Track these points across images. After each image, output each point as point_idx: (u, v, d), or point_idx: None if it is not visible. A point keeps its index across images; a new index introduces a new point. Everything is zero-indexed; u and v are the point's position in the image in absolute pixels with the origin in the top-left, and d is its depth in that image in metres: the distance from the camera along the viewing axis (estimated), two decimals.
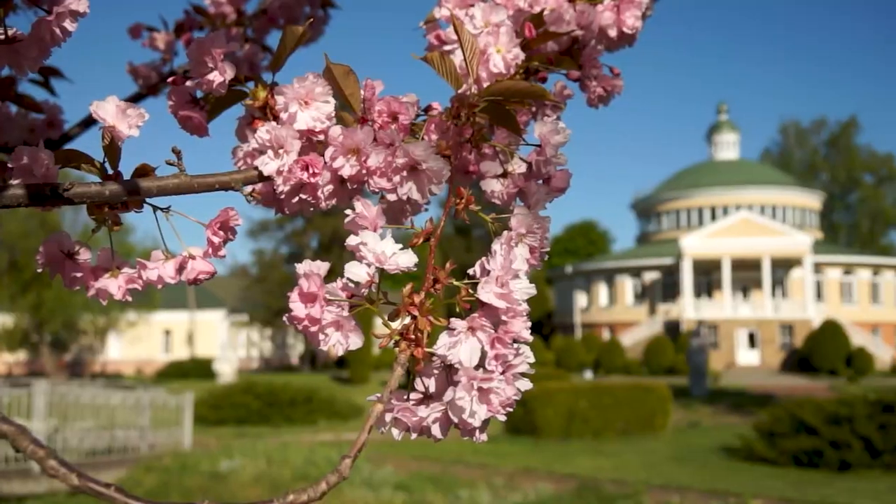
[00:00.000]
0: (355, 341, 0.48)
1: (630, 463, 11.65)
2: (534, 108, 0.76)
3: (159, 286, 0.62)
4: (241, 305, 45.76)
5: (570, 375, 22.65)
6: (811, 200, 50.06)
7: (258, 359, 48.46)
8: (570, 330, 47.58)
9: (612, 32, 0.83)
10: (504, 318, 0.47)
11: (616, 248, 65.88)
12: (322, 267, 0.49)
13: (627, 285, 46.05)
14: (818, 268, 43.04)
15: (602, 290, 47.16)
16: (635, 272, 45.79)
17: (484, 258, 0.53)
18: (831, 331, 35.55)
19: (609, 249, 67.06)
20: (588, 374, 32.67)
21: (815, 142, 66.30)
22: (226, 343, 38.13)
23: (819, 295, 42.93)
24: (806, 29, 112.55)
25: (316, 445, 12.45)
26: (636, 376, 34.26)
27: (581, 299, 48.22)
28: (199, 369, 37.00)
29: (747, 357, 40.85)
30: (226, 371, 30.03)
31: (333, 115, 0.62)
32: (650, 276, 45.20)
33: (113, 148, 0.61)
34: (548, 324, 53.53)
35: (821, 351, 35.34)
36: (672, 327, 41.81)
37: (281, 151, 0.60)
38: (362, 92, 0.63)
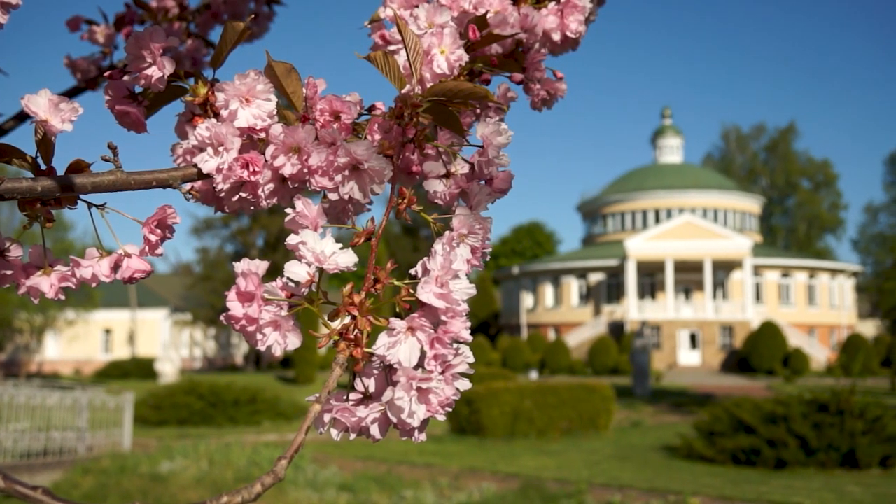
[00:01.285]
0: (293, 341, 0.48)
1: (573, 462, 11.78)
2: (478, 110, 0.77)
3: (94, 284, 0.60)
4: (184, 304, 45.05)
5: (515, 375, 22.79)
6: (751, 204, 51.24)
7: (201, 358, 47.75)
8: (516, 330, 47.92)
9: (556, 36, 0.83)
10: (444, 318, 0.47)
11: (562, 250, 66.57)
12: (260, 266, 0.48)
13: (573, 286, 46.54)
14: (757, 270, 44.08)
15: (548, 291, 47.59)
16: (581, 273, 46.30)
17: (426, 258, 0.53)
18: (769, 332, 36.43)
19: (555, 251, 67.73)
20: (533, 374, 32.93)
21: (755, 147, 67.89)
22: (168, 342, 37.48)
23: (758, 297, 43.96)
24: (748, 35, 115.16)
25: (259, 446, 12.31)
26: (581, 376, 34.64)
27: (527, 300, 48.57)
28: (140, 369, 36.32)
29: (689, 357, 41.62)
30: (168, 371, 29.52)
31: (275, 112, 0.61)
32: (595, 278, 45.75)
33: (46, 143, 0.59)
34: (494, 324, 53.79)
35: (759, 351, 36.19)
36: (616, 328, 42.40)
37: (221, 149, 0.59)
38: (304, 90, 0.62)
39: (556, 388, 15.38)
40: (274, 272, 0.54)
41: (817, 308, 45.33)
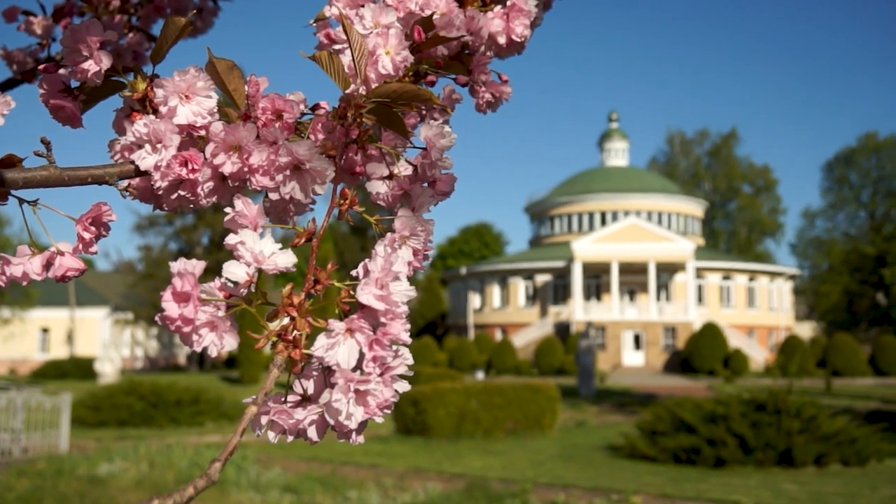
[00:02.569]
0: (230, 342, 0.47)
1: (518, 462, 11.85)
2: (423, 111, 0.77)
3: (25, 283, 0.59)
4: (125, 303, 44.17)
5: (462, 376, 22.86)
6: (694, 208, 52.21)
7: (143, 358, 46.87)
8: (463, 331, 48.04)
9: (502, 40, 0.84)
10: (383, 320, 0.47)
11: (510, 251, 66.97)
12: (197, 266, 0.47)
13: (520, 287, 46.85)
14: (700, 273, 44.92)
15: (495, 292, 47.82)
16: (528, 274, 46.63)
17: (367, 259, 0.53)
18: (711, 333, 37.16)
19: (503, 252, 68.10)
20: (480, 375, 33.06)
21: (699, 152, 69.19)
22: (108, 342, 36.69)
23: (700, 299, 44.81)
24: (693, 42, 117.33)
25: (202, 447, 12.13)
26: (527, 377, 34.89)
27: (475, 300, 48.74)
28: (79, 369, 35.51)
29: (633, 358, 42.23)
30: (108, 371, 28.88)
31: (215, 110, 0.60)
32: (542, 279, 46.12)
33: None
34: (441, 324, 53.85)
35: (701, 352, 36.89)
36: (562, 329, 42.81)
37: (159, 146, 0.58)
38: (246, 88, 0.62)
39: (502, 388, 15.45)
40: (220, 271, 0.53)
41: (757, 310, 46.41)
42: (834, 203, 59.17)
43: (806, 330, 54.25)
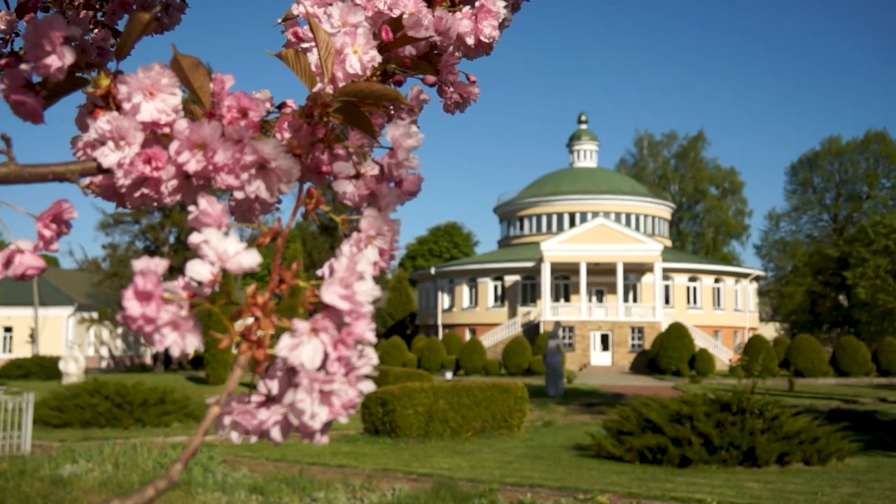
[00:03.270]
0: (193, 342, 0.47)
1: (486, 462, 11.88)
2: (391, 111, 0.77)
3: None
4: (90, 302, 43.61)
5: (431, 376, 22.86)
6: (662, 210, 52.70)
7: (108, 358, 46.30)
8: (432, 330, 48.05)
9: (470, 40, 0.84)
10: (347, 319, 0.47)
11: (479, 251, 67.11)
12: (160, 264, 0.47)
13: (489, 287, 46.96)
14: (667, 274, 45.35)
15: (464, 292, 47.89)
16: (497, 275, 46.76)
17: (333, 259, 0.53)
18: (677, 334, 37.52)
19: (472, 252, 68.23)
20: (448, 375, 33.09)
21: (667, 154, 69.86)
22: (73, 341, 36.17)
23: (667, 300, 45.23)
24: (662, 44, 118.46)
25: (168, 448, 12.00)
26: (495, 376, 35.00)
27: (444, 300, 48.77)
28: (42, 369, 35.00)
29: (600, 358, 42.52)
30: (72, 371, 28.47)
31: (180, 107, 0.60)
32: (511, 279, 46.27)
33: None
34: (410, 324, 53.82)
35: (667, 353, 37.25)
36: (531, 329, 42.98)
37: (122, 143, 0.58)
38: (212, 86, 0.61)
39: (470, 388, 15.48)
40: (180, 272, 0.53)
41: (722, 311, 46.95)
42: (798, 206, 60.07)
43: (770, 330, 55.05)
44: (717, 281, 47.28)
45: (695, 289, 46.61)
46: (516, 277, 46.12)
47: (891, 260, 45.91)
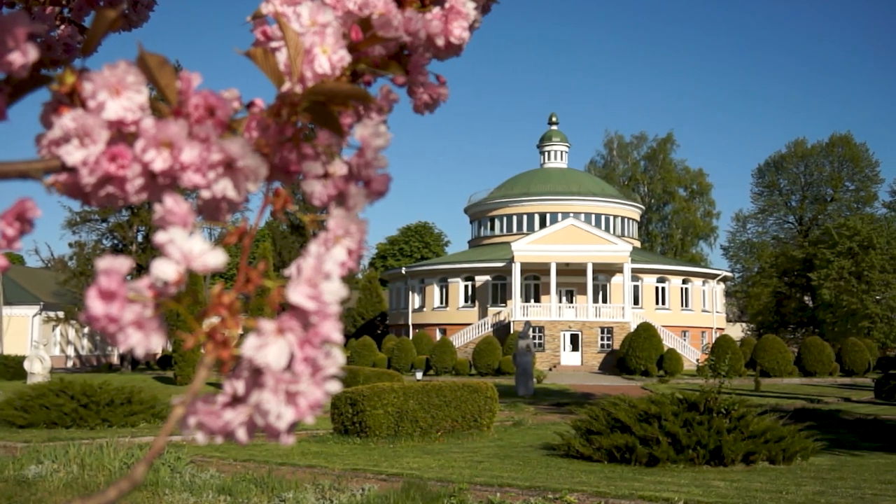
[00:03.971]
0: (157, 342, 0.46)
1: (456, 461, 11.89)
2: (360, 111, 0.76)
3: None
4: (56, 301, 43.00)
5: (401, 376, 22.83)
6: (631, 211, 53.10)
7: (74, 357, 45.70)
8: (403, 330, 48.01)
9: (440, 42, 0.84)
10: (314, 319, 0.47)
11: (450, 251, 67.16)
12: (124, 264, 0.47)
13: (460, 287, 47.02)
14: (636, 274, 45.70)
15: (435, 292, 47.90)
16: (467, 275, 46.83)
17: (300, 259, 0.53)
18: (646, 334, 37.83)
19: (443, 252, 68.27)
20: (418, 375, 33.08)
21: (636, 156, 70.39)
22: (38, 341, 35.65)
23: (636, 300, 45.59)
24: (632, 46, 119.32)
25: (135, 448, 11.87)
26: (465, 376, 35.05)
27: (414, 300, 48.74)
28: (7, 368, 34.48)
29: (570, 358, 42.74)
30: (37, 370, 28.04)
31: (147, 105, 0.59)
32: (482, 279, 46.36)
33: None
34: (381, 324, 53.73)
35: (636, 353, 37.54)
36: (501, 329, 43.10)
37: (87, 141, 0.57)
38: (179, 84, 0.61)
39: (440, 388, 15.49)
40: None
41: (690, 311, 47.43)
42: (764, 208, 60.80)
43: (737, 331, 55.69)
44: (685, 282, 47.74)
45: (663, 289, 47.02)
46: (487, 277, 46.22)
47: (854, 262, 46.67)
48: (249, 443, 0.48)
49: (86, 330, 44.51)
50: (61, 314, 42.13)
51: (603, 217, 50.26)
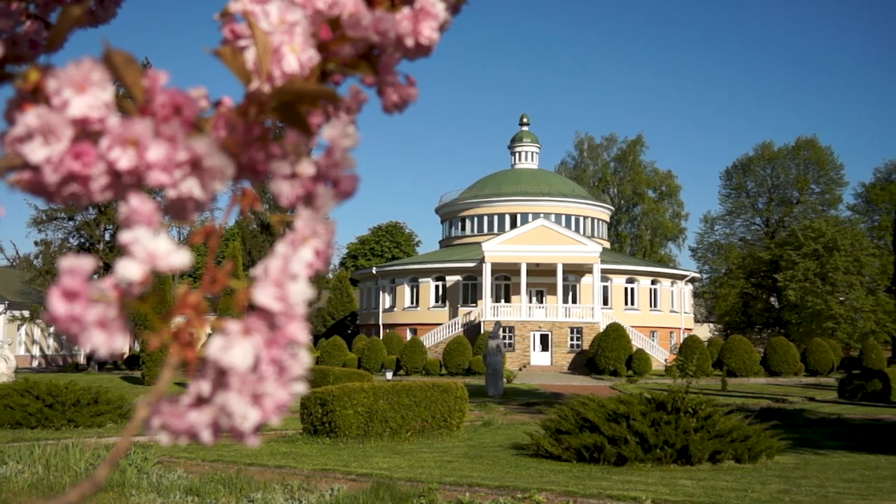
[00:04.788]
0: (121, 343, 0.46)
1: (425, 461, 11.89)
2: (330, 111, 0.76)
3: None
4: (22, 300, 42.34)
5: (371, 375, 22.79)
6: (601, 212, 53.45)
7: (40, 357, 45.04)
8: (373, 330, 47.90)
9: (409, 42, 0.84)
10: (280, 320, 0.47)
11: (421, 251, 67.13)
12: (87, 263, 0.46)
13: (430, 287, 47.02)
14: (605, 275, 46.00)
15: (406, 292, 47.86)
16: (438, 275, 46.84)
17: (267, 259, 0.53)
18: (615, 334, 38.10)
19: (414, 252, 68.22)
20: (389, 375, 33.03)
21: (606, 157, 70.85)
22: (3, 340, 35.06)
23: (606, 300, 45.89)
24: (603, 47, 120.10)
25: (101, 449, 11.72)
26: (436, 376, 35.05)
27: (385, 300, 48.66)
28: None
29: (540, 358, 42.92)
30: (2, 370, 27.57)
31: (112, 103, 0.59)
32: (452, 279, 46.40)
33: None
34: (351, 324, 53.57)
35: (606, 353, 37.80)
36: (472, 329, 43.16)
37: (51, 139, 0.56)
38: (145, 82, 0.60)
39: (410, 388, 15.47)
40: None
41: (659, 312, 47.84)
42: (732, 209, 61.49)
43: (704, 331, 56.27)
44: (653, 282, 48.15)
45: (632, 290, 47.38)
46: (457, 278, 46.27)
47: (819, 263, 47.35)
48: (215, 444, 0.47)
49: (52, 329, 43.92)
50: (27, 313, 41.50)
51: (573, 218, 50.53)
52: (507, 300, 44.88)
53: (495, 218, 50.40)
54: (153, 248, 0.48)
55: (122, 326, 0.45)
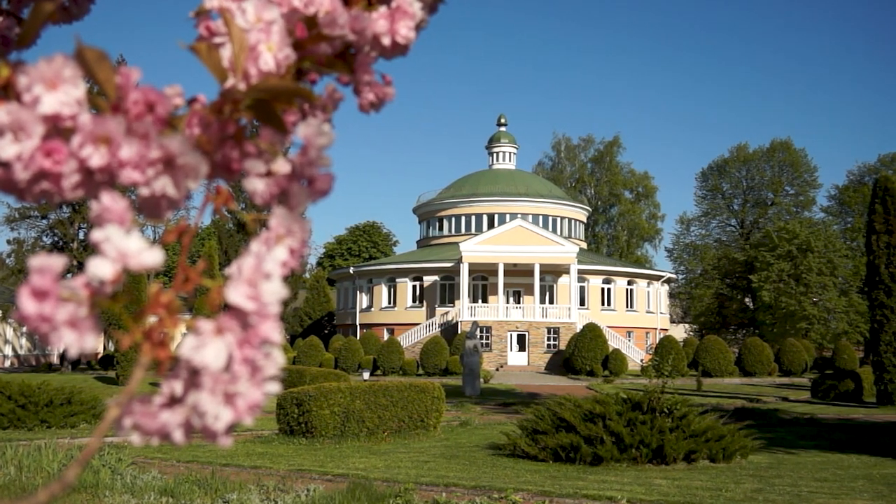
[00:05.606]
0: (91, 342, 0.45)
1: (402, 462, 11.88)
2: (306, 109, 0.76)
3: None
4: None
5: (348, 376, 22.72)
6: (578, 213, 53.64)
7: (13, 357, 44.49)
8: (350, 330, 47.77)
9: (386, 41, 0.84)
10: (253, 319, 0.47)
11: (398, 251, 67.03)
12: (58, 262, 0.46)
13: (408, 287, 46.96)
14: (582, 275, 46.17)
15: (383, 292, 47.77)
16: (416, 275, 46.79)
17: (241, 258, 0.52)
18: (592, 334, 38.25)
19: (391, 252, 68.11)
20: (365, 375, 32.95)
21: (583, 158, 71.13)
22: None
23: (582, 301, 46.06)
24: (581, 48, 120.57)
25: (74, 450, 11.60)
26: (413, 376, 35.01)
27: (362, 300, 48.53)
28: None
29: (517, 358, 42.99)
30: None
31: (84, 100, 0.58)
32: (430, 279, 46.38)
33: None
34: (328, 324, 53.38)
35: (582, 353, 37.93)
36: (449, 329, 43.16)
37: (22, 135, 0.56)
38: (118, 79, 0.60)
39: (387, 388, 15.44)
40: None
41: (635, 312, 48.10)
42: (707, 211, 61.95)
43: (680, 331, 56.64)
44: (630, 283, 48.40)
45: (609, 290, 47.60)
46: (435, 278, 46.25)
47: (793, 264, 47.83)
48: (187, 444, 0.47)
49: (24, 329, 43.36)
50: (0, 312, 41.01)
51: (550, 218, 50.67)
52: (485, 300, 44.92)
53: (473, 218, 50.43)
54: (125, 247, 0.47)
55: (93, 326, 0.45)
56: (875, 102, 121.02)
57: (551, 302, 45.27)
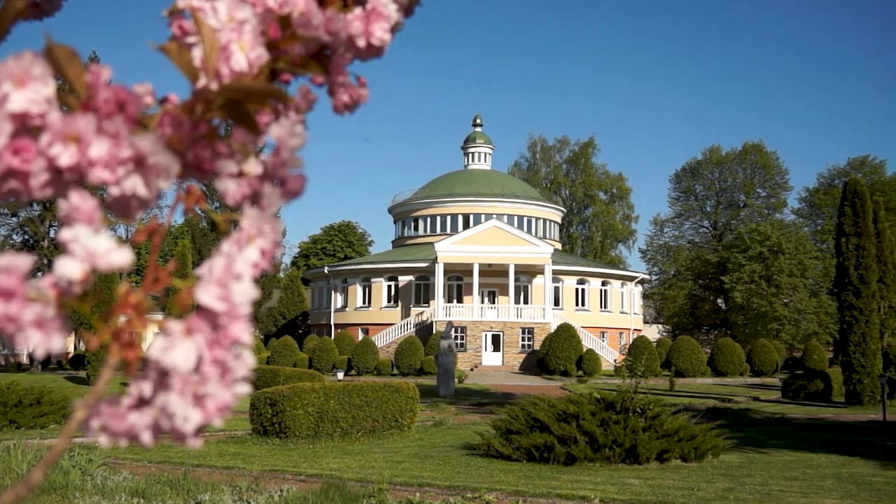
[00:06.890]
0: (58, 342, 0.45)
1: (376, 462, 11.86)
2: (279, 109, 0.76)
3: None
4: None
5: (322, 376, 22.64)
6: (553, 213, 53.84)
7: None
8: (325, 330, 47.59)
9: (361, 43, 0.84)
10: (223, 320, 0.46)
11: (374, 251, 66.89)
12: (24, 261, 0.45)
13: (382, 287, 46.87)
14: (557, 276, 46.34)
15: (358, 292, 47.64)
16: (391, 275, 46.72)
17: (212, 259, 0.52)
18: (566, 335, 38.40)
19: (366, 251, 67.94)
20: (340, 375, 32.85)
21: (559, 159, 71.40)
22: None
23: (557, 301, 46.23)
24: (556, 49, 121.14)
25: (44, 451, 11.45)
26: (387, 377, 34.97)
27: (337, 300, 48.38)
28: None
29: (491, 358, 43.06)
30: None
31: (54, 98, 0.57)
32: (405, 279, 46.32)
33: None
34: (303, 324, 53.14)
35: (556, 353, 38.08)
36: (424, 329, 43.14)
37: None
38: (88, 77, 0.59)
39: (361, 388, 15.41)
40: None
41: (609, 312, 48.35)
42: (681, 212, 62.45)
43: (653, 332, 57.07)
44: (604, 283, 48.65)
45: (583, 291, 47.82)
46: (410, 278, 46.21)
47: (764, 266, 48.33)
48: (156, 446, 0.47)
49: None
50: None
51: (525, 219, 50.81)
52: (460, 300, 44.95)
53: (448, 218, 50.44)
54: (93, 247, 0.47)
55: (60, 326, 0.44)
56: (845, 107, 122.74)
57: (526, 302, 45.40)
